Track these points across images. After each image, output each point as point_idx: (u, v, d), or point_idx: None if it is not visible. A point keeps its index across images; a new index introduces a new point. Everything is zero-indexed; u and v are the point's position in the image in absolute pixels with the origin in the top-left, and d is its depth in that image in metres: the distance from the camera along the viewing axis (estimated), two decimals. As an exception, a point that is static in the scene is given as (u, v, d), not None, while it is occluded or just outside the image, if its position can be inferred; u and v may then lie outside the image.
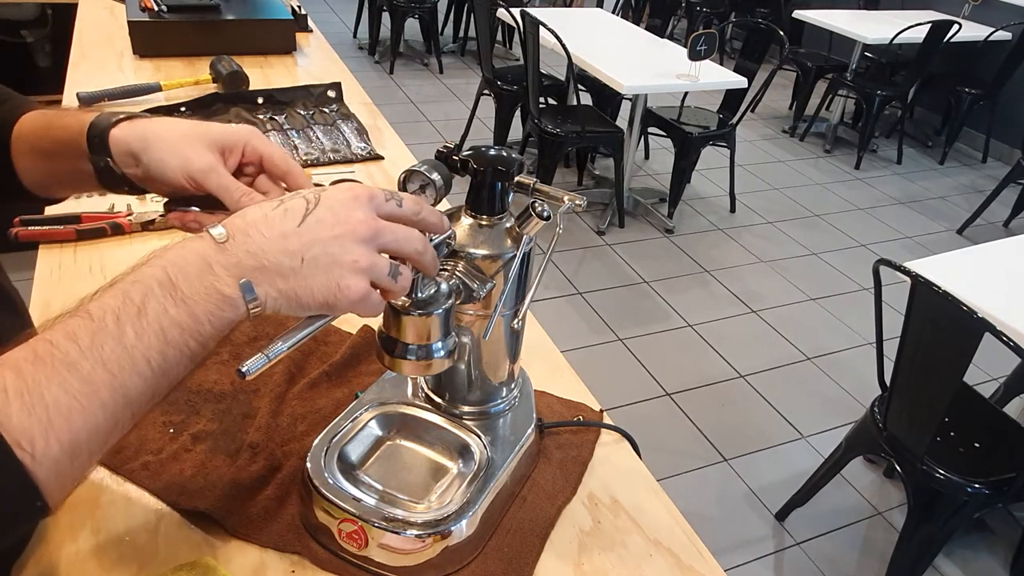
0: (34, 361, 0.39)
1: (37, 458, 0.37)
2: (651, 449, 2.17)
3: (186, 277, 0.43)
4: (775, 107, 5.34)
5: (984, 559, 2.01)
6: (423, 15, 5.06)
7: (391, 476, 0.68)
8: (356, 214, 0.47)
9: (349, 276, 0.46)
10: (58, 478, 0.39)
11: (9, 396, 0.37)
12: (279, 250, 0.45)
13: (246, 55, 1.73)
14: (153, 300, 0.42)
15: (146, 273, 0.43)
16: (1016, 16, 4.57)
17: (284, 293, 0.45)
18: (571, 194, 0.62)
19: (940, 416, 1.61)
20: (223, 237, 0.45)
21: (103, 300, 0.42)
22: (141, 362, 0.41)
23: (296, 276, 0.45)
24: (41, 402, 0.38)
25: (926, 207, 4.10)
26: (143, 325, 0.41)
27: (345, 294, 0.46)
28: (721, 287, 3.12)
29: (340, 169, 1.32)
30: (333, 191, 0.49)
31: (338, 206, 0.47)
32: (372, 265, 0.47)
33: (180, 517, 0.66)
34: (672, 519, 0.73)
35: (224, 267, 0.44)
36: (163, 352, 0.42)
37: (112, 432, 0.41)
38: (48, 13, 2.93)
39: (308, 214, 0.46)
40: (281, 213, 0.46)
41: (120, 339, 0.41)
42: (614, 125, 3.39)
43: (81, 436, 0.39)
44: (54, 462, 0.38)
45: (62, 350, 0.40)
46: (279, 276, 0.45)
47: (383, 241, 0.48)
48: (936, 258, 1.72)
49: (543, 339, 0.95)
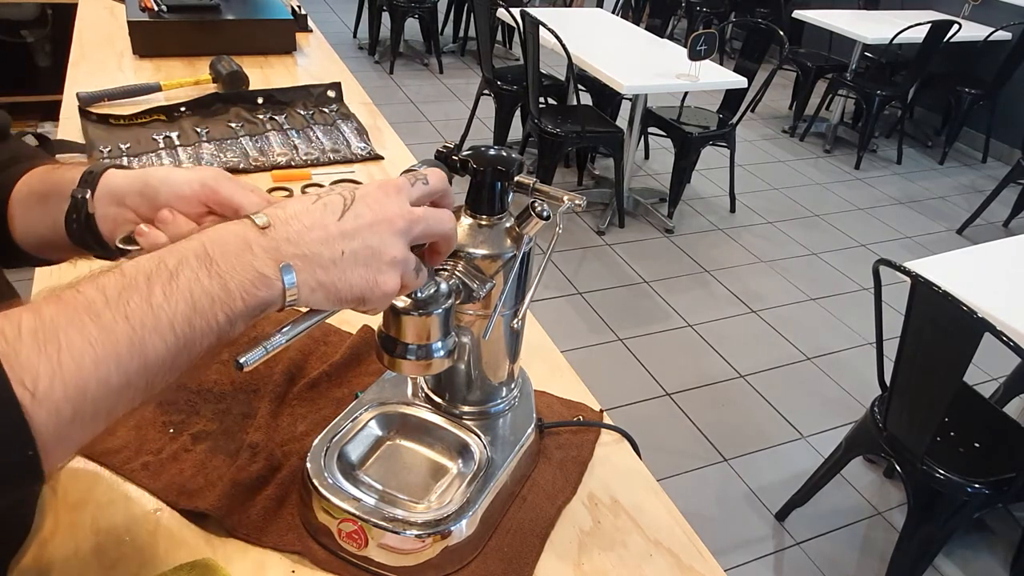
0: (56, 304, 0.38)
1: (38, 397, 0.36)
2: (651, 449, 2.17)
3: (224, 253, 0.43)
4: (775, 107, 5.34)
5: (984, 559, 2.01)
6: (423, 15, 5.06)
7: (391, 476, 0.68)
8: (392, 207, 0.48)
9: (387, 270, 0.47)
10: (57, 428, 0.37)
11: (22, 333, 0.37)
12: (320, 240, 0.45)
13: (246, 55, 1.73)
14: (187, 268, 0.42)
15: (184, 245, 0.43)
16: (1016, 16, 4.57)
17: (323, 285, 0.45)
18: (571, 194, 0.62)
19: (940, 416, 1.61)
20: (265, 223, 0.45)
21: (139, 262, 0.42)
22: (165, 324, 0.40)
23: (336, 268, 0.45)
24: (54, 341, 0.37)
25: (926, 207, 4.10)
26: (173, 288, 0.41)
27: (382, 288, 0.47)
28: (721, 287, 3.12)
29: (340, 169, 1.32)
30: (365, 187, 0.49)
31: (374, 201, 0.48)
32: (406, 259, 0.48)
33: (180, 517, 0.66)
34: (672, 519, 0.73)
35: (264, 249, 0.44)
36: (190, 319, 0.41)
37: (122, 394, 0.40)
38: (48, 13, 2.93)
39: (347, 209, 0.47)
40: (321, 207, 0.46)
41: (148, 298, 0.40)
42: (614, 125, 3.39)
43: (89, 385, 0.38)
44: (55, 406, 0.36)
45: (87, 297, 0.39)
46: (319, 267, 0.45)
47: (419, 230, 0.49)
48: (936, 258, 1.72)
49: (543, 339, 0.95)
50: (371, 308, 0.49)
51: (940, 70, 4.68)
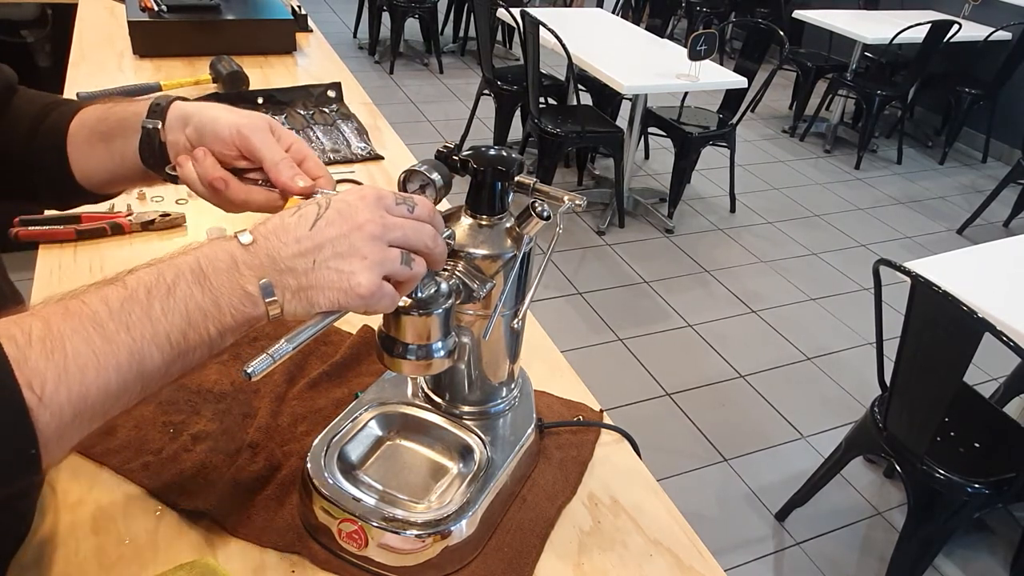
0: (64, 314, 0.41)
1: (44, 401, 0.39)
2: (651, 449, 2.17)
3: (215, 271, 0.46)
4: (775, 107, 5.34)
5: (984, 559, 2.01)
6: (423, 15, 5.06)
7: (391, 476, 0.68)
8: (363, 214, 0.49)
9: (360, 272, 0.48)
10: (58, 429, 0.40)
11: (32, 340, 0.39)
12: (293, 253, 0.48)
13: (246, 55, 1.73)
14: (183, 283, 0.45)
15: (181, 260, 0.47)
16: (1016, 16, 4.57)
17: (297, 293, 0.48)
18: (571, 194, 0.62)
19: (940, 416, 1.61)
20: (249, 240, 0.48)
21: (139, 274, 0.45)
22: (162, 336, 0.44)
23: (308, 276, 0.47)
24: (61, 350, 0.40)
25: (926, 207, 4.10)
26: (171, 303, 0.44)
27: (356, 291, 0.48)
28: (721, 287, 3.12)
29: (340, 169, 1.32)
30: (343, 195, 0.51)
31: (346, 207, 0.50)
32: (383, 259, 0.49)
33: (180, 517, 0.66)
34: (672, 519, 0.73)
35: (248, 267, 0.47)
36: (184, 332, 0.44)
37: (119, 399, 0.43)
38: (48, 13, 2.93)
39: (319, 218, 0.49)
40: (296, 219, 0.49)
41: (148, 310, 0.44)
42: (614, 125, 3.39)
43: (91, 391, 0.41)
44: (59, 409, 0.39)
45: (92, 308, 0.42)
46: (292, 277, 0.47)
47: (392, 237, 0.50)
48: (936, 258, 1.71)
49: (543, 339, 0.95)
50: (365, 310, 0.50)
51: (940, 70, 4.68)
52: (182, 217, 1.10)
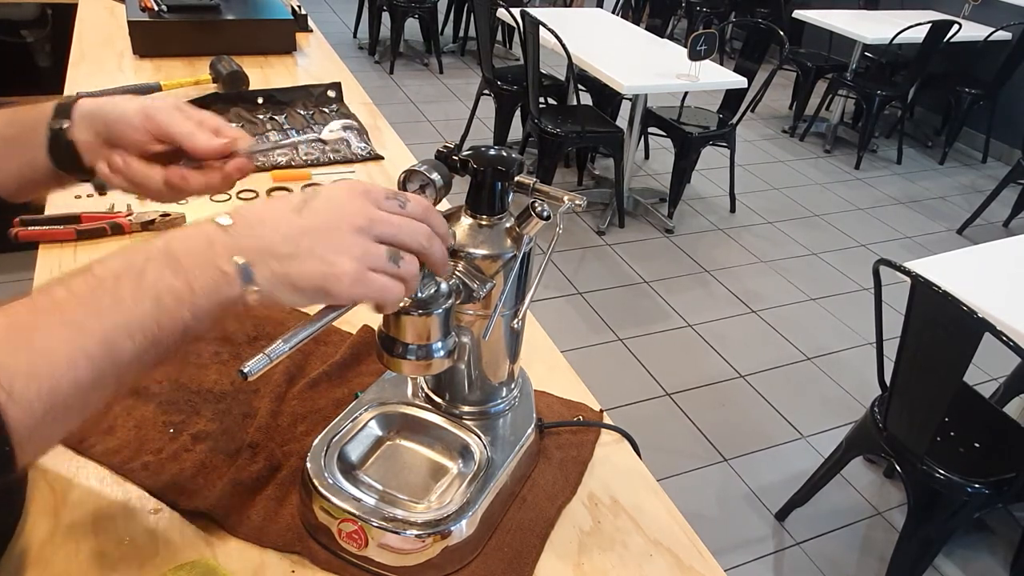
0: (30, 308, 0.41)
1: (14, 397, 0.37)
2: (651, 449, 2.17)
3: (188, 251, 0.45)
4: (775, 107, 5.34)
5: (984, 559, 2.01)
6: (423, 15, 5.06)
7: (391, 476, 0.68)
8: (350, 206, 0.49)
9: (345, 262, 0.47)
10: (30, 425, 0.39)
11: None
12: (276, 237, 0.47)
13: (246, 55, 1.72)
14: (154, 266, 0.44)
15: (152, 244, 0.45)
16: (1016, 16, 4.57)
17: (278, 275, 0.46)
18: (571, 194, 0.62)
19: (940, 416, 1.61)
20: (228, 222, 0.47)
21: (107, 263, 0.44)
22: (135, 323, 0.42)
23: (291, 260, 0.47)
24: (28, 345, 0.39)
25: (926, 207, 4.10)
26: (141, 287, 0.43)
27: (339, 279, 0.47)
28: (721, 287, 3.12)
29: (340, 169, 1.32)
30: (332, 185, 0.51)
31: (334, 198, 0.49)
32: (365, 253, 0.48)
33: (180, 517, 0.66)
34: (672, 519, 0.73)
35: (225, 246, 0.45)
36: (157, 319, 0.43)
37: (93, 391, 0.42)
38: (48, 13, 2.93)
39: (306, 206, 0.48)
40: (283, 204, 0.49)
41: (117, 297, 0.42)
42: (614, 125, 3.39)
43: (62, 385, 0.39)
44: (29, 404, 0.38)
45: (59, 300, 0.41)
46: (275, 259, 0.46)
47: (379, 231, 0.49)
48: (936, 258, 1.71)
49: (543, 339, 0.95)
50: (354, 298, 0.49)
51: (940, 70, 4.68)
52: (182, 217, 1.10)
